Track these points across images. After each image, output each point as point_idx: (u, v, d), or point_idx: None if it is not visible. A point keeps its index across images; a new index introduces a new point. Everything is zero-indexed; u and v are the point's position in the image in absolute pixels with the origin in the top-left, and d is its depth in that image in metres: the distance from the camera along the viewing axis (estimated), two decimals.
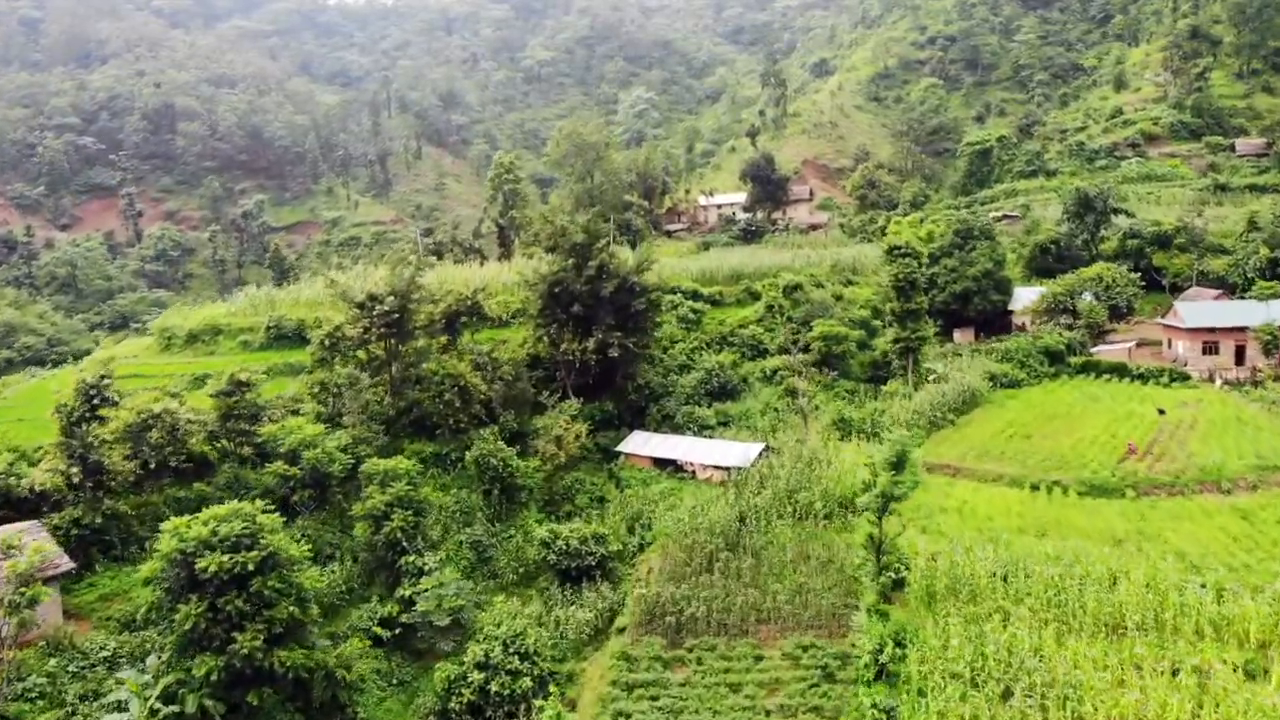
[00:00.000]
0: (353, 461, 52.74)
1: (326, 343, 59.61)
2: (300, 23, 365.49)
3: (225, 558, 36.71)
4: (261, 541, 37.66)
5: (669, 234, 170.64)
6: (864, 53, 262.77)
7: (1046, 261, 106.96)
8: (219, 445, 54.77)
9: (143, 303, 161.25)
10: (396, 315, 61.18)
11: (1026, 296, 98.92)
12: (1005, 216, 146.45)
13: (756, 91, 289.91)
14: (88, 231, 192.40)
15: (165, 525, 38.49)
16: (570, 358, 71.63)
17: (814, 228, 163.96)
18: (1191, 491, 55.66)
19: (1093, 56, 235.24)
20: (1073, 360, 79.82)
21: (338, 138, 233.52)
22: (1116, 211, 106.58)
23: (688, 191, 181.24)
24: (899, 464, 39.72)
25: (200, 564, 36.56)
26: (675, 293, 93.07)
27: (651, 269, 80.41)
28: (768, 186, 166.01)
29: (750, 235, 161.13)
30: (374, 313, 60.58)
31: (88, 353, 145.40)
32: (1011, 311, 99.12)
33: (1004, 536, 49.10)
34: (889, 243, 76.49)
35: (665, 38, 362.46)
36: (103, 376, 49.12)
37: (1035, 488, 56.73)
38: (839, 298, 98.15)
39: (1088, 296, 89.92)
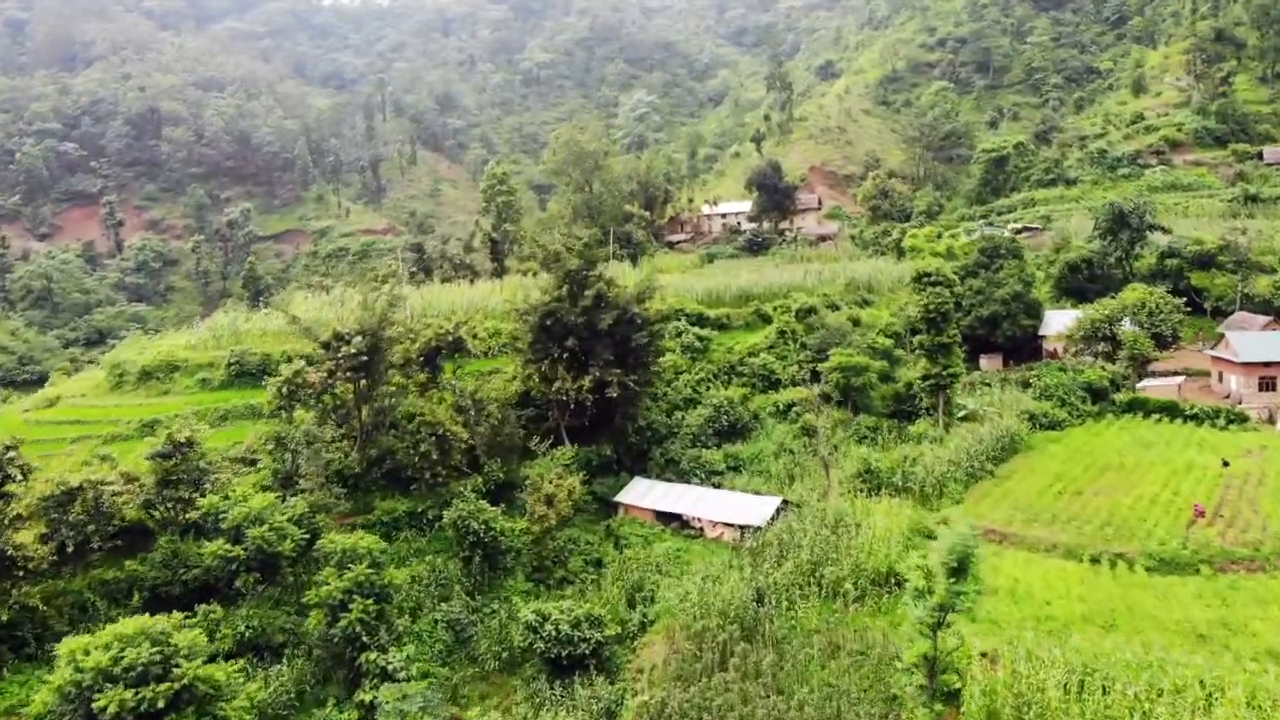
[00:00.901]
0: (307, 536, 45.46)
1: (284, 390, 52.38)
2: (294, 24, 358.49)
3: (130, 693, 29.61)
4: (176, 671, 30.47)
5: (671, 245, 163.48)
6: (871, 55, 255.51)
7: (1077, 281, 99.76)
8: (156, 513, 47.55)
9: (120, 317, 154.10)
10: (366, 357, 53.97)
11: (1058, 321, 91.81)
12: (1025, 229, 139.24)
13: (760, 94, 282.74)
14: (68, 241, 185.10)
15: (61, 647, 31.32)
16: (564, 398, 64.42)
17: (823, 238, 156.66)
18: (1273, 567, 48.39)
19: (1108, 59, 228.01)
20: (1118, 398, 72.62)
21: (329, 143, 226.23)
22: (1152, 228, 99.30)
23: (691, 200, 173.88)
24: (960, 568, 32.50)
25: (98, 702, 29.40)
26: (679, 318, 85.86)
27: (655, 294, 73.45)
28: (774, 195, 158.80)
29: (756, 246, 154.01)
30: (339, 354, 53.35)
31: (58, 373, 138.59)
32: (1042, 337, 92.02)
33: (1068, 629, 41.94)
34: (917, 268, 69.27)
35: (667, 39, 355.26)
36: (7, 448, 41.83)
37: (1096, 560, 49.45)
38: (856, 322, 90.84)
39: (1127, 324, 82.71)
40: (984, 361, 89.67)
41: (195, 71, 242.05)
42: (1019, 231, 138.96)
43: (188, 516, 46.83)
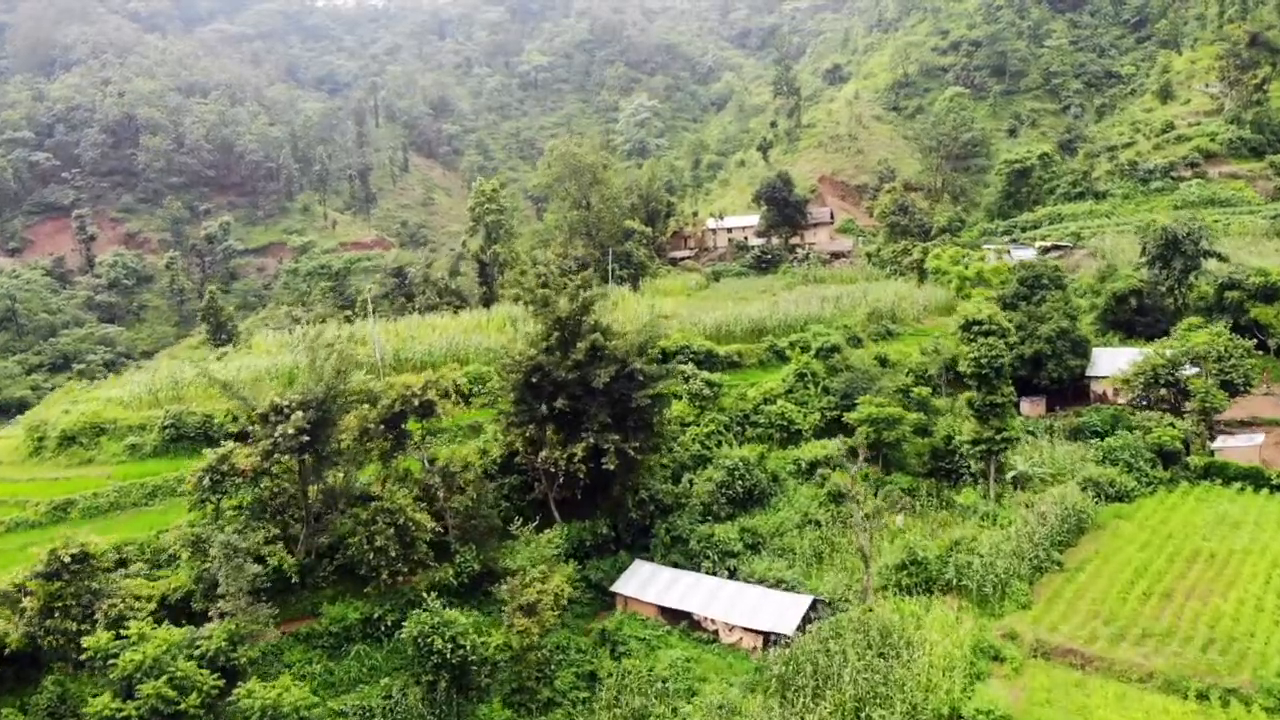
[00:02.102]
0: (222, 683, 35.89)
1: (208, 480, 43.01)
2: (286, 26, 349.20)
3: None
4: None
5: (674, 261, 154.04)
6: (881, 58, 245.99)
7: (1125, 313, 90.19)
8: (42, 643, 38.14)
9: (88, 340, 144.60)
10: (308, 437, 44.51)
11: (1107, 360, 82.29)
12: (1055, 247, 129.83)
13: (765, 99, 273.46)
14: (39, 256, 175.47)
15: None
16: (552, 469, 55.00)
17: (836, 256, 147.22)
18: None
19: (1129, 63, 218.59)
20: (1192, 461, 63.08)
21: (315, 150, 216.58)
22: (1207, 254, 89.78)
23: (695, 214, 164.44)
24: None
25: None
26: (685, 358, 76.40)
27: (659, 341, 64.13)
28: (784, 209, 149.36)
29: (765, 264, 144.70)
30: (276, 435, 43.89)
31: (21, 402, 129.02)
32: (1089, 377, 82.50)
33: None
34: (964, 314, 59.71)
35: (668, 42, 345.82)
36: None
37: (1204, 697, 39.90)
38: (883, 361, 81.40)
39: (1190, 369, 73.13)
40: (1025, 406, 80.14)
41: (179, 76, 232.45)
42: (1047, 250, 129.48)
43: (79, 654, 37.41)
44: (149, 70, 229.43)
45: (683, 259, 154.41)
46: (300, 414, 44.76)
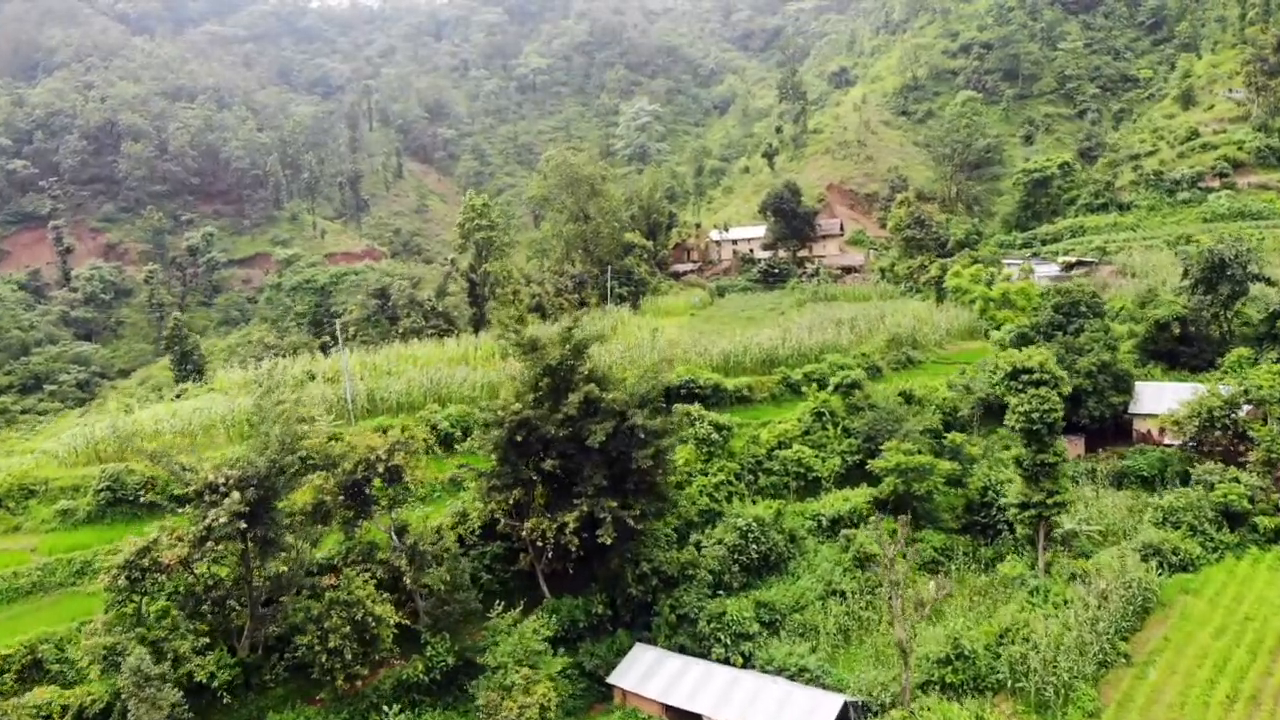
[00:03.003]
0: None
1: (124, 580, 36.07)
2: (278, 28, 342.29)
3: None
4: None
5: (676, 275, 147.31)
6: (889, 61, 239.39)
7: (1167, 342, 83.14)
8: None
9: (61, 359, 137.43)
10: (245, 523, 37.57)
11: (1151, 397, 75.39)
12: (1079, 263, 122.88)
13: (769, 102, 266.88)
14: (13, 269, 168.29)
15: None
16: (540, 542, 48.05)
17: (848, 270, 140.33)
18: None
19: (1146, 67, 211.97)
20: (1261, 523, 56.06)
21: (304, 158, 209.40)
22: (1255, 279, 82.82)
23: (698, 226, 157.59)
24: None
25: None
26: (691, 396, 69.56)
27: (665, 384, 57.17)
28: (792, 221, 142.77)
29: (772, 279, 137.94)
30: (209, 519, 36.96)
31: None
32: (1132, 415, 75.54)
33: None
34: (1010, 362, 52.59)
35: (670, 44, 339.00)
36: None
37: None
38: (908, 398, 74.28)
39: (1246, 406, 66.32)
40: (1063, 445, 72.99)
41: (165, 80, 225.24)
42: (1071, 266, 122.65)
43: None
44: (134, 74, 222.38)
45: (685, 273, 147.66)
46: (237, 495, 37.80)
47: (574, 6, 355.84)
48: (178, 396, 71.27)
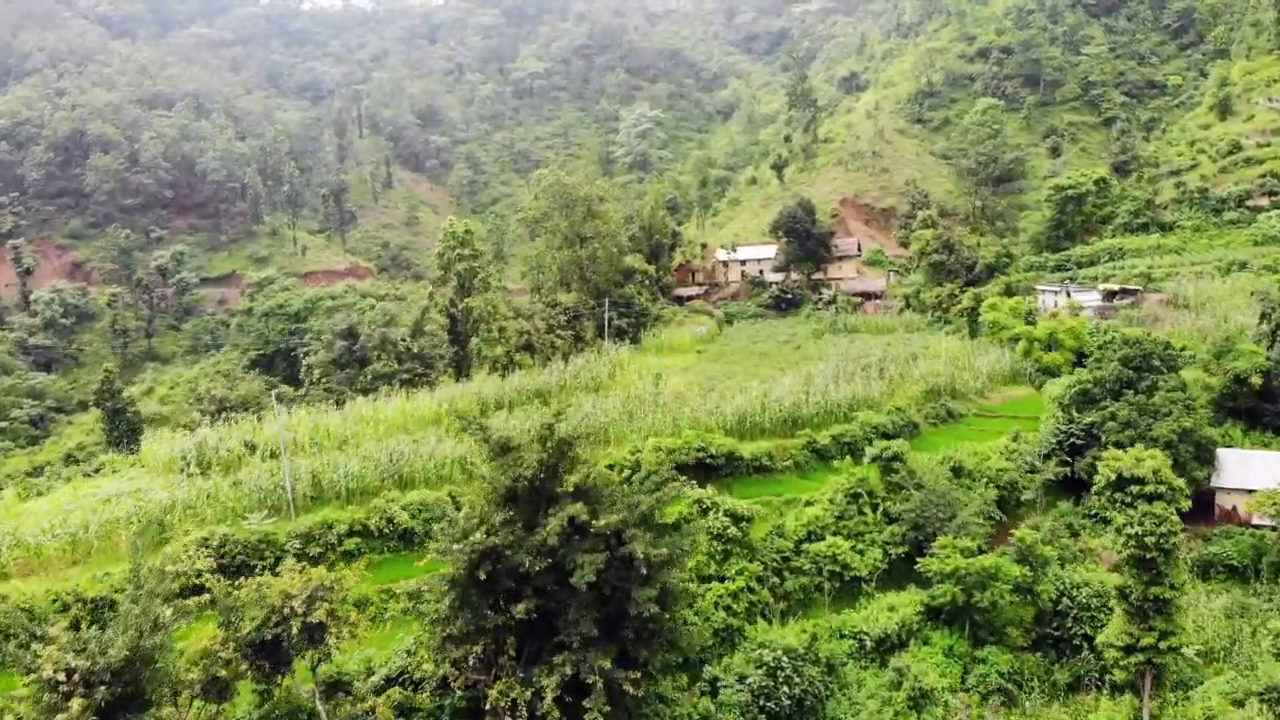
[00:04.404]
0: None
1: None
2: (268, 30, 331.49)
3: None
4: None
5: (681, 300, 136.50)
6: (902, 65, 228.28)
7: (1246, 398, 72.03)
8: None
9: (14, 393, 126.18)
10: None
11: (1236, 466, 64.48)
12: (1123, 291, 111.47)
13: (775, 107, 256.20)
14: None
15: None
16: (511, 714, 36.80)
17: (866, 296, 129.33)
18: None
19: (1174, 73, 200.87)
20: None
21: (286, 168, 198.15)
22: None
23: (704, 245, 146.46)
24: None
25: None
26: (702, 466, 58.66)
27: (680, 492, 45.74)
28: (806, 242, 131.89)
29: (785, 304, 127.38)
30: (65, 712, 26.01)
31: None
32: (1215, 488, 64.46)
33: None
34: (1112, 468, 41.42)
35: (671, 46, 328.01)
36: None
37: None
38: (957, 471, 63.12)
39: None
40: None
41: (141, 86, 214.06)
42: (1114, 294, 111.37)
43: None
44: (109, 80, 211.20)
45: (691, 298, 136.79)
46: (80, 701, 26.64)
47: (573, 8, 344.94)
48: (96, 471, 60.05)
